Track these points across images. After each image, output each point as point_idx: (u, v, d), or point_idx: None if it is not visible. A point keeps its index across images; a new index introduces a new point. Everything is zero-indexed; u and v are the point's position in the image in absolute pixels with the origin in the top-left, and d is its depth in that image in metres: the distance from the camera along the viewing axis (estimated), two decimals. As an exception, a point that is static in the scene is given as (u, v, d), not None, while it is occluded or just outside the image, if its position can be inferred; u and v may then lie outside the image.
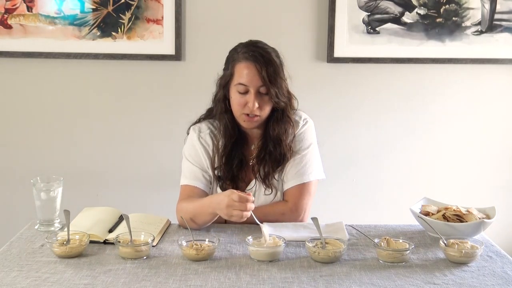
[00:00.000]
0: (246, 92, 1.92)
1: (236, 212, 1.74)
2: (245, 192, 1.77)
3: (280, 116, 1.99)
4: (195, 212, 1.87)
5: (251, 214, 1.76)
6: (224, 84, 1.99)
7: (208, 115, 2.10)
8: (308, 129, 2.07)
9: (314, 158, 2.06)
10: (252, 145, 2.06)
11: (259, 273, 1.59)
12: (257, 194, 2.03)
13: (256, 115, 1.94)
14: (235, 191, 1.76)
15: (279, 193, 2.04)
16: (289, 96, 2.00)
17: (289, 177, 2.02)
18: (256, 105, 1.91)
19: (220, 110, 2.01)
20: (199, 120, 2.11)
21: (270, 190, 2.01)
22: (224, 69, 2.02)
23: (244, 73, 1.92)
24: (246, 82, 1.91)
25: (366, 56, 2.93)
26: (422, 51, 2.93)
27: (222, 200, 1.76)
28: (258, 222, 1.79)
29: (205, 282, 1.53)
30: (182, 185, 2.05)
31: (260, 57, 1.91)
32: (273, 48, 1.98)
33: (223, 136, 2.01)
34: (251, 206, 1.74)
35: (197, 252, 1.66)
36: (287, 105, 1.98)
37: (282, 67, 1.96)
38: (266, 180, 2.00)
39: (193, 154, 2.05)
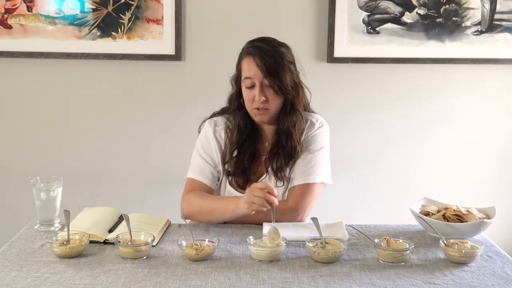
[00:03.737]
0: (253, 86, 1.96)
1: (258, 200, 1.76)
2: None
3: (289, 109, 2.00)
4: (215, 208, 1.91)
5: (271, 209, 1.78)
6: (235, 81, 2.04)
7: (222, 113, 2.13)
8: (323, 132, 2.09)
9: (323, 161, 2.06)
10: (266, 142, 2.08)
11: (259, 273, 1.59)
12: None
13: (265, 108, 1.96)
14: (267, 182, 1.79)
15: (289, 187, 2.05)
16: (297, 88, 2.01)
17: (296, 176, 2.02)
18: (263, 98, 1.94)
19: (233, 107, 2.06)
20: (212, 116, 2.13)
21: (282, 182, 2.03)
22: (236, 67, 2.06)
23: (248, 67, 1.96)
24: (250, 75, 1.95)
25: (366, 56, 2.94)
26: (422, 51, 2.93)
27: (250, 188, 1.80)
28: (272, 222, 1.78)
29: (205, 282, 1.53)
30: (188, 177, 2.08)
31: (260, 50, 1.95)
32: (281, 43, 2.02)
33: (236, 131, 2.04)
34: (273, 198, 1.76)
35: (197, 252, 1.66)
36: (295, 97, 1.99)
37: (289, 60, 1.99)
38: (278, 173, 2.02)
39: (206, 147, 2.07)
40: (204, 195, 2.01)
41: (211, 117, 2.13)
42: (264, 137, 2.08)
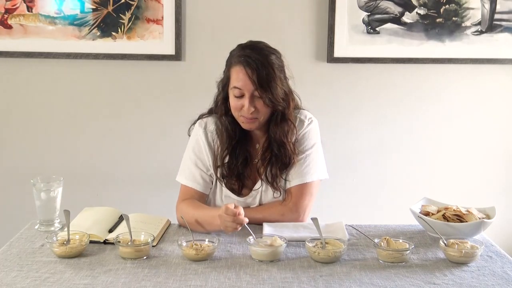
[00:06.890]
0: (242, 96, 1.91)
1: (230, 224, 1.76)
2: (235, 206, 1.77)
3: (280, 119, 1.96)
4: (203, 221, 1.87)
5: (244, 225, 1.77)
6: (223, 86, 1.99)
7: (210, 114, 2.08)
8: (312, 128, 2.06)
9: (317, 158, 2.05)
10: (257, 144, 2.05)
11: (259, 273, 1.59)
12: (264, 195, 2.02)
13: (255, 118, 1.92)
14: (228, 206, 1.76)
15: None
16: (287, 98, 1.96)
17: (292, 177, 2.01)
18: (252, 109, 1.89)
19: (220, 112, 2.00)
20: (200, 118, 2.09)
21: (279, 193, 2.00)
22: (224, 72, 2.01)
23: (237, 77, 1.90)
24: (240, 86, 1.89)
25: (366, 56, 2.93)
26: (422, 51, 2.93)
27: (218, 214, 1.78)
28: (252, 234, 1.77)
29: (205, 282, 1.53)
30: (181, 184, 2.06)
31: (252, 61, 1.87)
32: (272, 50, 1.95)
33: (225, 137, 2.00)
34: (241, 218, 1.75)
35: (197, 252, 1.66)
36: (285, 107, 1.95)
37: (280, 69, 1.93)
38: (274, 183, 1.99)
39: (197, 150, 2.04)
40: (195, 205, 1.97)
41: (199, 118, 2.08)
42: (254, 139, 2.05)
